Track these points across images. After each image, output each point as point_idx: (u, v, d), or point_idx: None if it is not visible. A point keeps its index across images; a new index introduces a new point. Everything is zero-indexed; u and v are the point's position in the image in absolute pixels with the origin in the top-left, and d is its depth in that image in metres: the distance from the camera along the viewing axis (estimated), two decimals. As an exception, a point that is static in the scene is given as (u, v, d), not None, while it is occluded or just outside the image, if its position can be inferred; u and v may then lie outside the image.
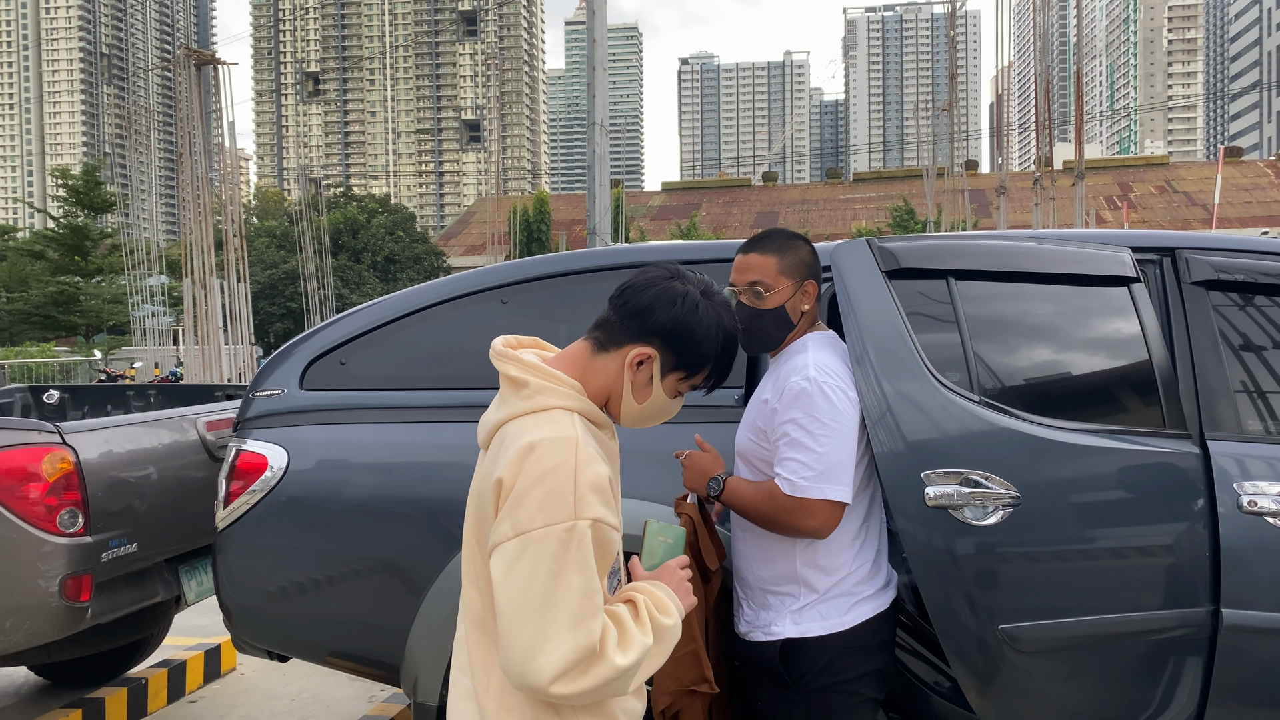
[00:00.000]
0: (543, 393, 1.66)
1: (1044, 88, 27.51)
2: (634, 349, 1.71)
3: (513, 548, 1.53)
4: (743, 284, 2.37)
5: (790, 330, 2.40)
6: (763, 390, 2.41)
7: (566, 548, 1.52)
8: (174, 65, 28.43)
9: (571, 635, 1.50)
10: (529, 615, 1.51)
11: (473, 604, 1.70)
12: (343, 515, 3.07)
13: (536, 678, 1.50)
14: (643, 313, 1.70)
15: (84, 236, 39.29)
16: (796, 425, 2.22)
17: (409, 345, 3.24)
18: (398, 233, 54.93)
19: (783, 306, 2.36)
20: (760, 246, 2.39)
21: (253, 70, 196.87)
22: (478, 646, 1.68)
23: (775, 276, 2.35)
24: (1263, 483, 2.50)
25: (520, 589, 1.51)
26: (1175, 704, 2.50)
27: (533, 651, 1.50)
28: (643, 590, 1.69)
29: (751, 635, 2.34)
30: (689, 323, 1.70)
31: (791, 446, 2.22)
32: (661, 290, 1.71)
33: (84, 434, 3.62)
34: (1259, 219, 43.90)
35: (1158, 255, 2.81)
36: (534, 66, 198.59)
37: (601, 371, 1.73)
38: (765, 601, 2.33)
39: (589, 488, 1.55)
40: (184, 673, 4.87)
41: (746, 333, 2.32)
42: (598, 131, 11.87)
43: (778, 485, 2.22)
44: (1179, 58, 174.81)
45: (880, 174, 62.86)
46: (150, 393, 5.57)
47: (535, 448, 1.56)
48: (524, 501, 1.53)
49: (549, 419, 1.62)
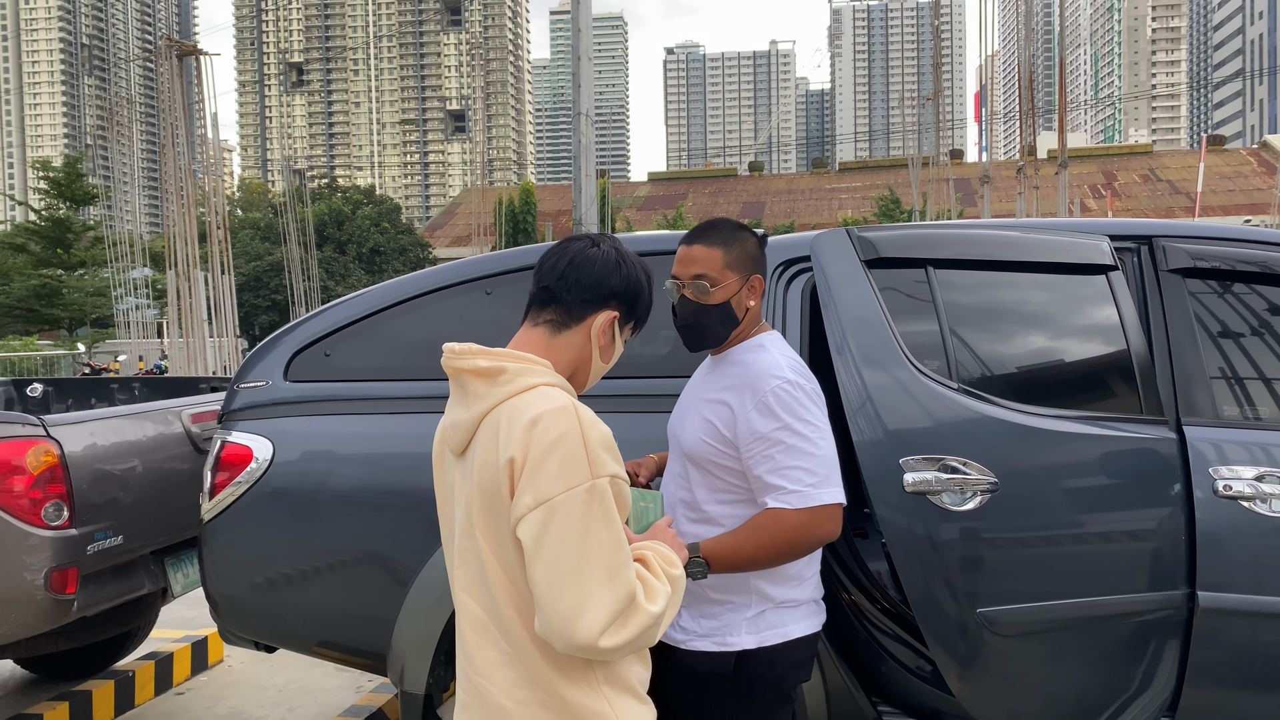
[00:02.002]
0: (524, 374, 1.69)
1: (1028, 77, 27.59)
2: (599, 316, 1.81)
3: (539, 517, 1.56)
4: (687, 277, 2.21)
5: (735, 327, 2.24)
6: (707, 388, 2.25)
7: (590, 507, 1.57)
8: (155, 56, 28.21)
9: (610, 588, 1.55)
10: (567, 578, 1.55)
11: (468, 609, 1.72)
12: (328, 506, 3.09)
13: (585, 635, 1.54)
14: (598, 283, 1.81)
15: (66, 229, 38.96)
16: (789, 432, 2.08)
17: (394, 336, 3.25)
18: (383, 224, 54.67)
19: (729, 302, 2.21)
20: (705, 238, 2.23)
21: (235, 61, 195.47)
22: (480, 650, 1.69)
23: (721, 270, 2.19)
24: (1238, 467, 2.54)
25: (554, 555, 1.55)
26: (1153, 686, 2.54)
27: (577, 610, 1.54)
28: (648, 547, 1.75)
29: (692, 644, 2.18)
30: (636, 278, 1.84)
31: (789, 454, 2.07)
32: (603, 258, 1.82)
33: (68, 427, 3.61)
34: (1242, 207, 44.19)
35: (1135, 243, 2.85)
36: (519, 56, 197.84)
37: (566, 349, 1.80)
38: (710, 611, 2.18)
39: (599, 446, 1.61)
40: (171, 665, 4.88)
41: (689, 329, 2.24)
42: (583, 121, 11.84)
43: (779, 505, 2.05)
44: (1163, 46, 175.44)
45: (866, 163, 62.95)
46: (134, 385, 5.55)
47: (539, 420, 1.60)
48: (541, 471, 1.57)
49: (539, 395, 1.65)
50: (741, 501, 2.18)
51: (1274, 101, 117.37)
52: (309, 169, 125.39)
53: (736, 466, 2.16)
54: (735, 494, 2.18)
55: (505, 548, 1.64)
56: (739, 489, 2.18)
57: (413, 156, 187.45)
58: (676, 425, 2.33)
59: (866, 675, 2.83)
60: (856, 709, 2.81)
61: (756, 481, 2.11)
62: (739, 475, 2.17)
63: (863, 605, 2.84)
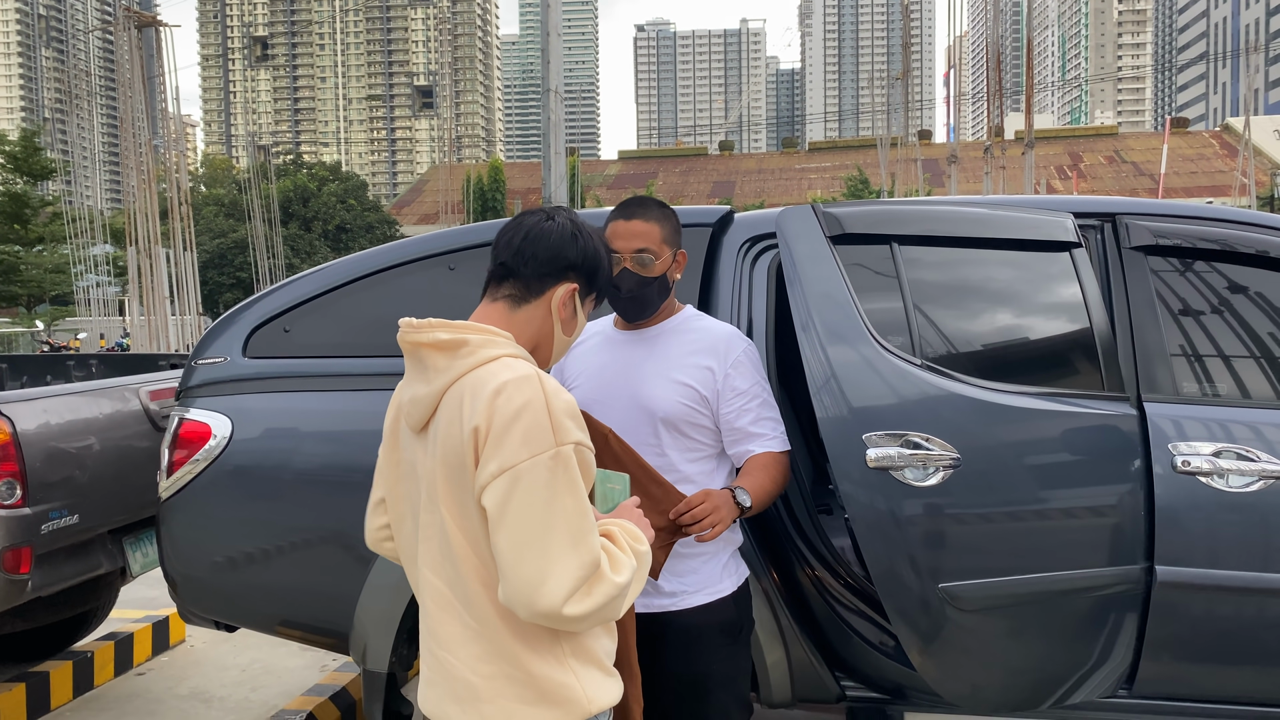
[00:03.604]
0: (485, 346, 1.67)
1: (996, 58, 27.71)
2: (559, 289, 1.79)
3: (503, 484, 1.55)
4: (629, 251, 2.33)
5: (667, 298, 2.41)
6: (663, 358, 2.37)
7: (554, 474, 1.56)
8: (114, 27, 27.64)
9: (575, 554, 1.55)
10: (531, 544, 1.54)
11: (429, 584, 1.70)
12: (289, 484, 3.04)
13: (548, 601, 1.53)
14: (555, 256, 1.79)
15: (23, 204, 38.18)
16: (761, 387, 2.38)
17: (355, 312, 3.20)
18: (349, 201, 54.13)
19: (665, 274, 2.37)
20: (644, 214, 2.37)
21: (199, 34, 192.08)
22: (445, 625, 1.68)
23: (659, 244, 2.34)
24: (1197, 443, 2.56)
25: (518, 522, 1.55)
26: (1111, 658, 2.57)
27: (541, 577, 1.53)
28: (615, 523, 1.75)
29: (687, 603, 2.31)
30: (594, 248, 1.83)
31: (765, 407, 2.36)
32: (559, 231, 1.80)
33: (21, 404, 3.54)
34: (1204, 189, 44.79)
35: (1099, 220, 2.85)
36: (488, 32, 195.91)
37: (527, 323, 1.78)
38: (691, 567, 2.32)
39: (563, 414, 1.60)
40: (132, 645, 4.82)
41: (633, 300, 2.35)
42: (552, 98, 11.74)
43: (769, 449, 2.34)
44: (1129, 29, 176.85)
45: (835, 143, 63.13)
46: (92, 362, 5.45)
47: (502, 390, 1.58)
48: (505, 439, 1.56)
49: (502, 365, 1.64)
50: (709, 458, 2.38)
51: (1236, 85, 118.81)
52: (274, 145, 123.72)
53: (708, 425, 2.35)
54: (704, 451, 2.37)
55: (470, 521, 1.62)
56: (707, 446, 2.37)
57: (379, 133, 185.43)
58: (629, 397, 2.36)
59: (831, 651, 2.84)
60: (821, 684, 2.82)
61: (737, 433, 2.35)
62: (708, 433, 2.36)
63: (826, 581, 2.85)
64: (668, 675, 2.30)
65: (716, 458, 2.39)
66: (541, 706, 1.63)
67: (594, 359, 2.45)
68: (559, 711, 1.64)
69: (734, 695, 2.37)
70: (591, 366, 2.44)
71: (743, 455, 2.37)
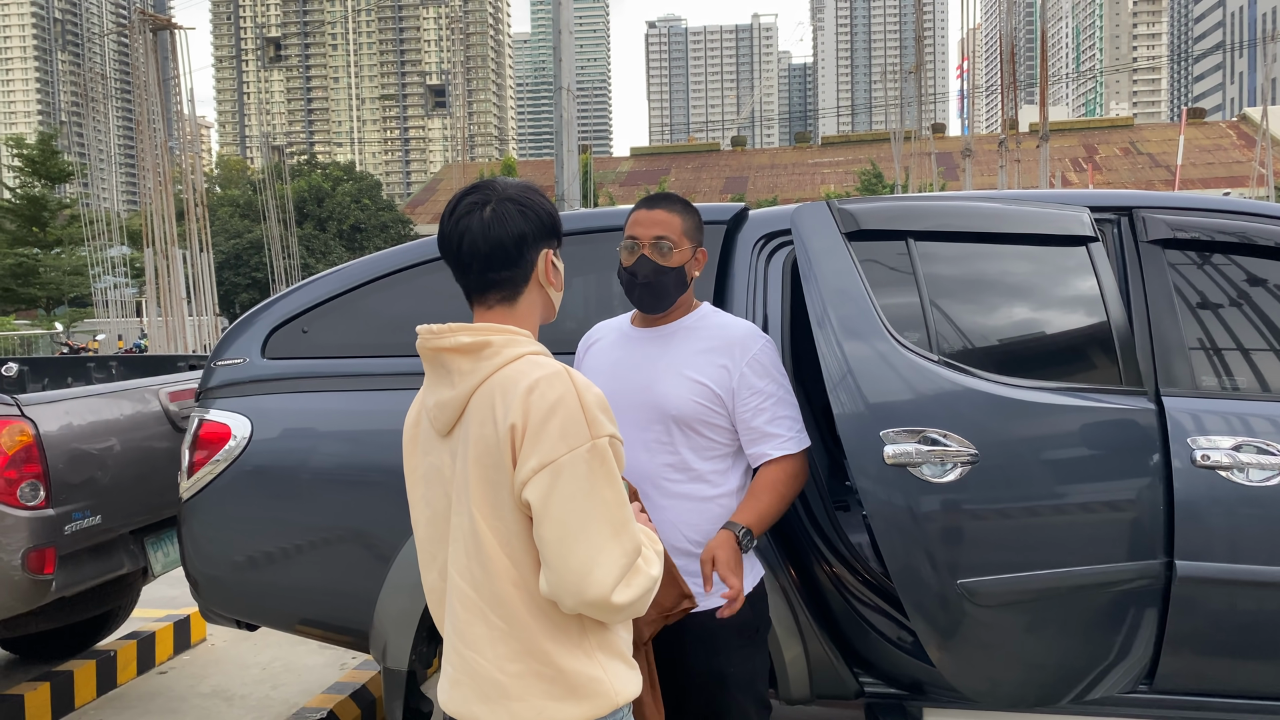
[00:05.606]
0: (509, 345, 1.68)
1: (1009, 50, 27.55)
2: (538, 264, 1.76)
3: (545, 479, 1.57)
4: (648, 238, 2.34)
5: (684, 292, 2.40)
6: (676, 355, 2.36)
7: (592, 466, 1.59)
8: (129, 30, 27.82)
9: (618, 543, 1.59)
10: (576, 536, 1.57)
11: (456, 588, 1.70)
12: (308, 483, 3.06)
13: (597, 590, 1.56)
14: (519, 240, 1.73)
15: (41, 207, 38.47)
16: (778, 385, 2.36)
17: (372, 312, 3.22)
18: (363, 200, 54.28)
19: (683, 267, 2.36)
20: (666, 205, 2.39)
21: (212, 36, 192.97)
22: (472, 626, 1.68)
23: (680, 236, 2.35)
24: (1215, 437, 2.55)
25: (561, 514, 1.57)
26: (1131, 654, 2.56)
27: (589, 566, 1.56)
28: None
29: (707, 602, 2.29)
30: (541, 206, 1.77)
31: (781, 405, 2.34)
32: (508, 216, 1.73)
33: (43, 406, 3.57)
34: (1221, 179, 44.42)
35: (1116, 214, 2.84)
36: (499, 30, 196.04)
37: (529, 311, 1.77)
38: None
39: (596, 407, 1.62)
40: (153, 644, 4.86)
41: (649, 287, 2.35)
42: (565, 96, 11.75)
43: (785, 450, 2.32)
44: (1144, 19, 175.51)
45: (848, 138, 62.89)
46: (112, 364, 5.50)
47: (535, 387, 1.60)
48: (543, 435, 1.58)
49: (529, 363, 1.65)
50: (723, 456, 2.37)
51: (1253, 74, 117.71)
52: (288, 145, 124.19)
53: (724, 424, 2.34)
54: (718, 449, 2.36)
55: (503, 521, 1.63)
56: (722, 445, 2.36)
57: (393, 132, 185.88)
58: (641, 394, 2.35)
59: (849, 647, 2.84)
60: (839, 680, 2.82)
61: (753, 432, 2.33)
62: (723, 431, 2.34)
63: (844, 577, 2.85)
64: (685, 676, 2.30)
65: (732, 456, 2.38)
66: (571, 701, 1.64)
67: (608, 355, 2.46)
68: (589, 705, 1.65)
69: (752, 695, 2.38)
70: (605, 363, 2.44)
71: (759, 456, 2.35)
